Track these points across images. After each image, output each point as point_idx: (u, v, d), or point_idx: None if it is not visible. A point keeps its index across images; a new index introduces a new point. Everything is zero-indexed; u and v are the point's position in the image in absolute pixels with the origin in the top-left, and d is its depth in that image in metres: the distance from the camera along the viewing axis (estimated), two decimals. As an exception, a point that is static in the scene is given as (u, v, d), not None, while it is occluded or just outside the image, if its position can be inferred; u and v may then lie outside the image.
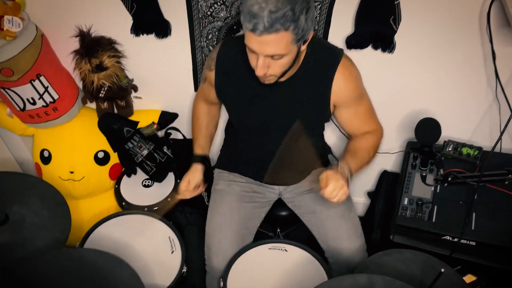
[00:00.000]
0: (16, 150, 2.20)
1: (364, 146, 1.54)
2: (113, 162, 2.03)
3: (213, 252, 1.61)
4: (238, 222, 1.65)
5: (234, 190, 1.72)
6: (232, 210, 1.67)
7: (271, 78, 1.33)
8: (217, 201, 1.72)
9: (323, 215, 1.64)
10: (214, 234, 1.64)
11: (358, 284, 1.09)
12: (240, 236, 1.64)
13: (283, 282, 1.52)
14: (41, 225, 1.39)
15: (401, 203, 1.64)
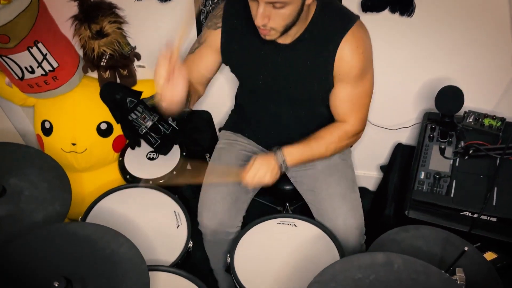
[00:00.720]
0: (18, 122, 2.11)
1: (325, 138, 1.43)
2: (116, 134, 1.94)
3: (204, 207, 1.54)
4: (234, 180, 1.54)
5: (234, 149, 1.64)
6: (228, 168, 1.58)
7: (272, 33, 1.22)
8: (216, 158, 1.65)
9: (322, 194, 1.54)
10: (207, 190, 1.56)
11: (375, 263, 1.00)
12: (234, 195, 1.55)
13: (293, 258, 1.44)
14: (40, 198, 1.32)
15: (417, 177, 1.54)
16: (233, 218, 1.56)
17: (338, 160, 1.60)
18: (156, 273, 1.36)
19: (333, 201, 1.52)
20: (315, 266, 1.41)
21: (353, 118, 1.42)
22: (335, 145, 1.44)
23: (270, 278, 1.39)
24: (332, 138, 1.43)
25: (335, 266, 1.01)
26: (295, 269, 1.42)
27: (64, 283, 0.97)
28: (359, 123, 1.43)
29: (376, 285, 0.96)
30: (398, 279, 0.97)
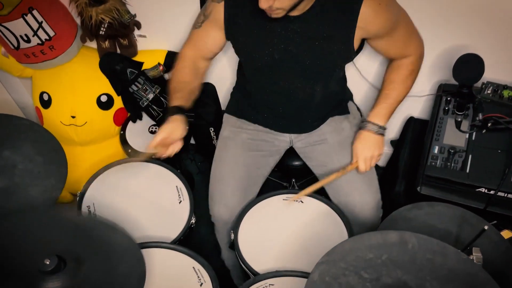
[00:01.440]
0: (17, 94, 2.04)
1: (400, 79, 1.37)
2: (117, 107, 1.86)
3: (215, 201, 1.48)
4: (242, 171, 1.49)
5: (240, 138, 1.55)
6: (236, 159, 1.51)
7: (278, 11, 1.12)
8: (222, 148, 1.55)
9: (335, 169, 1.46)
10: (216, 183, 1.50)
11: (388, 242, 0.92)
12: (243, 186, 1.48)
13: (298, 235, 1.37)
14: (35, 172, 1.24)
15: (431, 152, 1.45)
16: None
17: (349, 133, 1.51)
18: (156, 250, 1.30)
19: (347, 175, 1.44)
20: (322, 244, 1.34)
21: (410, 49, 1.34)
22: (411, 79, 1.38)
23: (274, 256, 1.33)
24: (403, 75, 1.36)
25: (344, 245, 0.93)
26: (301, 247, 1.35)
27: (55, 261, 0.90)
28: (418, 48, 1.35)
29: (389, 266, 0.88)
30: (412, 259, 0.89)
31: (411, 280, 0.86)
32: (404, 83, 1.37)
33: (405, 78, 1.37)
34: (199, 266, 1.27)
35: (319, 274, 0.89)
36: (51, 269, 0.90)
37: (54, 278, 0.91)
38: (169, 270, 1.27)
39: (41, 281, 0.90)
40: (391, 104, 1.39)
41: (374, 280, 0.87)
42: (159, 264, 1.27)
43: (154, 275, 1.23)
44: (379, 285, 0.86)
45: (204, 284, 1.23)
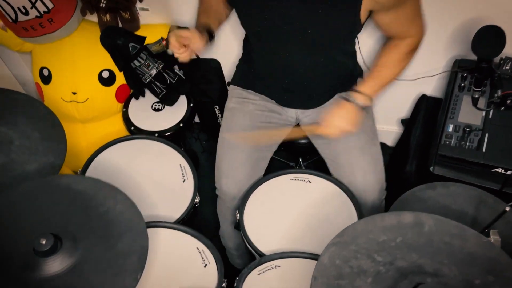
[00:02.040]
0: (17, 70, 1.97)
1: (395, 59, 1.25)
2: (119, 83, 1.78)
3: (223, 174, 1.42)
4: (251, 144, 1.42)
5: (247, 109, 1.47)
6: (244, 130, 1.44)
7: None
8: (229, 120, 1.48)
9: (339, 147, 1.39)
10: (224, 156, 1.43)
11: (402, 224, 0.85)
12: (252, 158, 1.42)
13: (306, 216, 1.31)
14: (32, 149, 1.19)
15: (445, 130, 1.37)
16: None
17: None
18: (159, 230, 1.25)
19: (351, 154, 1.38)
20: (330, 225, 1.29)
21: (412, 30, 1.23)
22: (405, 63, 1.26)
23: (281, 237, 1.27)
24: (400, 55, 1.24)
25: (356, 227, 0.87)
26: (308, 228, 1.29)
27: (52, 241, 0.85)
28: (420, 31, 1.24)
29: (403, 249, 0.82)
30: (429, 242, 0.82)
31: (427, 264, 0.80)
32: (399, 64, 1.26)
33: (401, 60, 1.26)
34: (203, 247, 1.22)
35: (329, 257, 0.83)
36: (47, 249, 0.85)
37: (51, 259, 0.86)
38: (172, 250, 1.22)
39: (36, 262, 0.85)
40: (381, 84, 1.27)
41: (388, 264, 0.81)
42: (162, 244, 1.22)
43: (156, 256, 1.19)
44: (393, 269, 0.80)
45: (209, 265, 1.18)
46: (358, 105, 1.25)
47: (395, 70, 1.26)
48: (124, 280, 0.86)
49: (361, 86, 1.26)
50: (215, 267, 1.18)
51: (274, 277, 1.16)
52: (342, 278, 0.80)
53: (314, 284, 0.80)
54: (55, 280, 0.85)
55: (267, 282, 1.14)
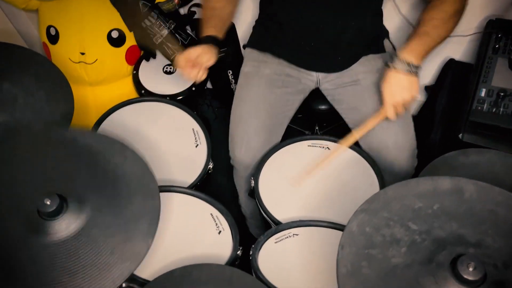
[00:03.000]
0: (23, 29, 1.86)
1: (442, 17, 1.13)
2: (129, 44, 1.68)
3: (236, 142, 1.32)
4: (266, 109, 1.33)
5: (263, 73, 1.37)
6: (259, 96, 1.33)
7: None
8: (243, 85, 1.38)
9: (368, 112, 1.28)
10: (238, 123, 1.33)
11: (439, 190, 0.76)
12: (267, 126, 1.32)
13: (324, 184, 1.22)
14: (37, 107, 1.10)
15: (477, 95, 1.26)
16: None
17: None
18: (171, 195, 1.17)
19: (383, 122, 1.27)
20: (350, 194, 1.20)
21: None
22: (454, 21, 1.16)
23: (298, 205, 1.19)
24: (447, 14, 1.14)
25: (387, 193, 0.78)
26: (327, 196, 1.20)
27: (57, 201, 0.78)
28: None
29: (441, 217, 0.73)
30: (470, 210, 0.73)
31: (469, 234, 0.71)
32: (446, 23, 1.15)
33: (449, 18, 1.14)
34: (217, 213, 1.15)
35: (357, 224, 0.75)
36: (52, 210, 0.77)
37: (56, 221, 0.78)
38: (185, 216, 1.14)
39: (41, 224, 0.78)
40: (428, 43, 1.15)
41: (424, 233, 0.72)
42: (174, 209, 1.15)
43: (168, 222, 1.11)
44: (430, 238, 0.71)
45: (223, 232, 1.11)
46: (405, 71, 1.13)
47: (442, 30, 1.15)
48: (134, 246, 0.79)
49: (405, 50, 1.14)
50: (229, 234, 1.10)
51: (292, 246, 1.08)
52: (373, 247, 0.72)
53: (341, 253, 0.72)
54: (60, 244, 0.78)
55: (284, 251, 1.07)
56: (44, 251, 0.76)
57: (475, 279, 0.64)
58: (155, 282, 0.89)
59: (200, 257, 1.02)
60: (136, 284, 0.95)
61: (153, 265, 1.01)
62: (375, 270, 0.69)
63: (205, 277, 0.90)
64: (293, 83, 1.39)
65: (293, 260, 1.05)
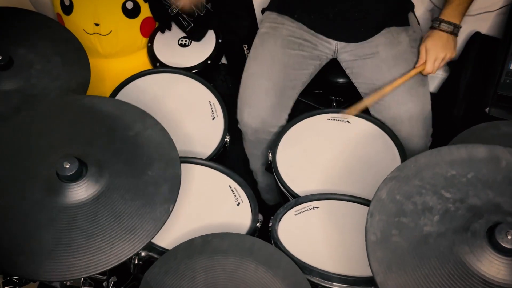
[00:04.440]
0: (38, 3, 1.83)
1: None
2: (144, 16, 1.64)
3: (245, 103, 1.28)
4: (279, 70, 1.28)
5: (280, 33, 1.31)
6: (273, 56, 1.28)
7: None
8: (258, 45, 1.33)
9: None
10: (249, 83, 1.29)
11: (474, 158, 0.72)
12: (279, 87, 1.27)
13: (344, 157, 1.19)
14: (54, 73, 1.07)
15: (506, 68, 1.21)
16: (277, 116, 1.29)
17: (406, 47, 1.27)
18: (189, 166, 1.15)
19: (397, 95, 1.23)
20: (370, 167, 1.17)
21: None
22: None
23: (317, 179, 1.16)
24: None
25: (418, 160, 0.74)
26: (347, 171, 1.17)
27: (76, 165, 0.75)
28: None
29: (476, 185, 0.69)
30: (508, 179, 0.69)
31: (506, 203, 0.67)
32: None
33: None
34: (236, 185, 1.12)
35: (387, 192, 0.71)
36: (72, 173, 0.75)
37: (76, 185, 0.76)
38: (203, 188, 1.12)
39: (60, 188, 0.76)
40: (465, 2, 1.21)
41: (458, 201, 0.68)
42: (193, 180, 1.12)
43: (187, 192, 1.09)
44: (465, 207, 0.68)
45: (242, 204, 1.08)
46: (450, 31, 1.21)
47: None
48: (155, 211, 0.76)
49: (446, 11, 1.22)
50: (248, 205, 1.08)
51: (312, 218, 1.05)
52: (404, 215, 0.68)
53: (370, 221, 0.69)
54: (79, 207, 0.76)
55: (304, 223, 1.04)
56: (63, 213, 0.74)
57: (514, 248, 0.61)
58: (175, 250, 0.87)
59: (219, 228, 1.00)
60: (155, 253, 0.93)
61: (171, 234, 0.99)
62: (406, 239, 0.66)
63: (226, 246, 0.88)
64: (310, 47, 1.33)
65: (312, 232, 1.03)
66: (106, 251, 0.73)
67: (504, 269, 0.61)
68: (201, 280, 0.83)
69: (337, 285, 0.90)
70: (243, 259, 0.86)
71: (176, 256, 0.86)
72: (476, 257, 0.63)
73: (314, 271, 0.90)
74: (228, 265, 0.85)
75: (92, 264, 0.72)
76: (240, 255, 0.87)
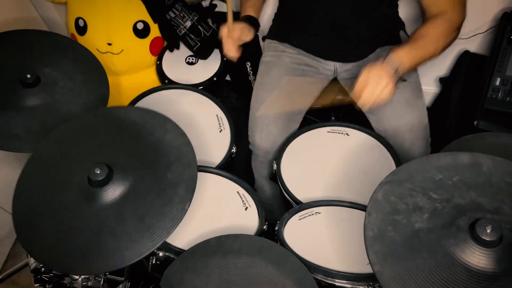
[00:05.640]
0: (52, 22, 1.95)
1: (432, 33, 1.16)
2: (154, 36, 1.76)
3: (256, 128, 1.40)
4: (286, 97, 1.39)
5: (283, 62, 1.44)
6: (279, 83, 1.40)
7: None
8: (263, 73, 1.45)
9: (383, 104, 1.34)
10: (258, 109, 1.40)
11: (459, 164, 0.83)
12: (287, 112, 1.39)
13: (344, 167, 1.30)
14: (75, 89, 1.18)
15: (492, 84, 1.33)
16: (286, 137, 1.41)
17: None
18: (200, 174, 1.24)
19: (396, 108, 1.33)
20: (368, 176, 1.27)
21: (454, 5, 1.16)
22: (444, 40, 1.17)
23: (319, 188, 1.26)
24: (439, 31, 1.16)
25: (410, 166, 0.85)
26: (347, 180, 1.28)
27: (106, 170, 0.86)
28: (462, 10, 1.18)
29: (461, 187, 0.80)
30: (487, 182, 0.80)
31: (487, 202, 0.78)
32: (438, 40, 1.16)
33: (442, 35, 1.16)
34: (243, 191, 1.22)
35: (383, 194, 0.82)
36: (102, 178, 0.85)
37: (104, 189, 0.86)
38: (213, 194, 1.22)
39: (91, 191, 0.86)
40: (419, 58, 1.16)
41: (445, 201, 0.79)
42: (204, 187, 1.22)
43: (200, 198, 1.19)
44: (451, 206, 0.78)
45: (249, 208, 1.18)
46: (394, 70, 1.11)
47: (433, 45, 1.16)
48: (173, 209, 0.86)
49: (398, 52, 1.13)
50: (255, 210, 1.18)
51: (315, 222, 1.15)
52: (398, 213, 0.79)
53: (368, 219, 0.79)
54: (108, 209, 0.86)
55: (307, 227, 1.14)
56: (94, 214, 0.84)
57: (492, 240, 0.71)
58: (192, 249, 0.97)
59: (229, 230, 1.09)
60: (171, 253, 1.03)
61: (186, 236, 1.08)
62: (400, 234, 0.76)
63: (237, 246, 0.98)
64: (312, 72, 1.46)
65: (315, 234, 1.13)
66: (129, 246, 0.83)
67: (484, 258, 0.71)
68: (215, 277, 0.93)
69: (339, 281, 0.99)
70: (253, 258, 0.96)
71: (193, 255, 0.96)
72: (460, 248, 0.73)
73: (318, 269, 1.00)
74: (240, 263, 0.95)
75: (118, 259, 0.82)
76: (251, 254, 0.96)
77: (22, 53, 1.19)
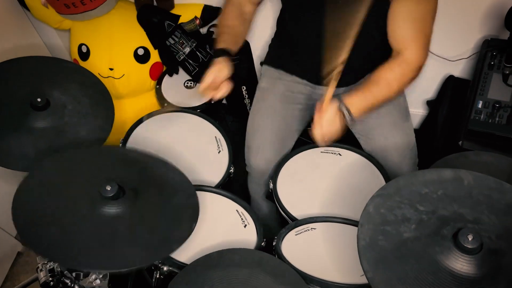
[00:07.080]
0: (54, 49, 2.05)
1: (386, 78, 1.23)
2: (153, 61, 1.86)
3: (252, 151, 1.49)
4: (279, 123, 1.49)
5: (278, 90, 1.53)
6: (273, 110, 1.50)
7: None
8: (260, 99, 1.55)
9: (371, 123, 1.44)
10: (254, 134, 1.50)
11: (443, 179, 0.92)
12: (280, 137, 1.49)
13: (337, 185, 1.38)
14: (83, 112, 1.27)
15: (475, 106, 1.43)
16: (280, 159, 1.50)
17: None
18: (200, 193, 1.32)
19: (383, 130, 1.43)
20: (360, 194, 1.36)
21: (414, 44, 1.21)
22: (398, 83, 1.23)
23: (313, 205, 1.34)
24: (393, 74, 1.22)
25: (398, 181, 0.94)
26: (339, 195, 1.36)
27: (116, 188, 0.93)
28: (421, 52, 1.21)
29: (444, 200, 0.89)
30: (469, 194, 0.89)
31: (468, 213, 0.86)
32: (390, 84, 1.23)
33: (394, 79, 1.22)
34: (242, 210, 1.30)
35: (374, 207, 0.90)
36: (112, 195, 0.92)
37: (115, 204, 0.94)
38: (213, 212, 1.29)
39: (102, 205, 0.93)
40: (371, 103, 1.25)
41: (430, 213, 0.87)
42: (204, 205, 1.29)
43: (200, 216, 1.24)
44: (435, 217, 0.87)
45: (248, 225, 1.26)
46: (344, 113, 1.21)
47: (386, 89, 1.23)
48: (181, 226, 0.94)
49: (349, 99, 1.23)
50: (254, 227, 1.25)
51: (310, 237, 1.23)
52: (388, 224, 0.87)
53: (360, 230, 0.87)
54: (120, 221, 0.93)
55: (303, 241, 1.22)
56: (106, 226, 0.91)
57: (473, 247, 0.79)
58: (195, 263, 1.04)
59: (229, 246, 1.16)
60: (175, 267, 1.09)
61: (188, 251, 1.15)
62: (390, 243, 0.84)
63: (238, 259, 1.05)
64: (305, 99, 1.55)
65: (311, 248, 1.20)
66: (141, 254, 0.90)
67: (466, 264, 0.79)
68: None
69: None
70: (253, 270, 1.03)
71: (196, 269, 1.02)
72: (444, 255, 0.81)
73: (314, 280, 1.07)
74: (240, 275, 1.02)
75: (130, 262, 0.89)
76: (251, 266, 1.03)
77: (32, 78, 1.27)
